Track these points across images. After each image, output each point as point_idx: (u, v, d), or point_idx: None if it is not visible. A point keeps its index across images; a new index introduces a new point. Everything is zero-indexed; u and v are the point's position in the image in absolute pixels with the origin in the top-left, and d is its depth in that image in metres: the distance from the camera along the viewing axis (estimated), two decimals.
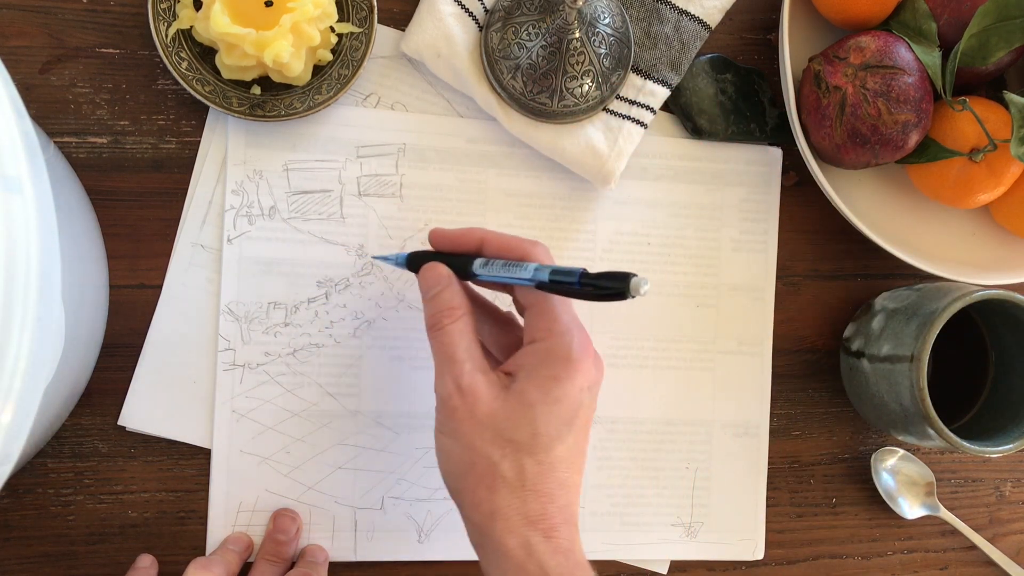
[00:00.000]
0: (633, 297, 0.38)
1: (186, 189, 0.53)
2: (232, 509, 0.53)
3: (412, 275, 0.48)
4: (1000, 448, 0.53)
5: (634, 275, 0.38)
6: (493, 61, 0.53)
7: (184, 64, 0.51)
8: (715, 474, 0.59)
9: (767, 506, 0.60)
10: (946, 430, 0.51)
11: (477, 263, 0.44)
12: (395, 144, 0.55)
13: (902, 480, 0.61)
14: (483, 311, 0.49)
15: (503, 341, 0.48)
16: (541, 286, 0.42)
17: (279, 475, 0.54)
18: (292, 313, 0.54)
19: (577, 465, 0.44)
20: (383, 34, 0.55)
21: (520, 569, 0.40)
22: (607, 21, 0.53)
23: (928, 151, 0.54)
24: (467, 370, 0.42)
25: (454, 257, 0.46)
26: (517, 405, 0.42)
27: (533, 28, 0.52)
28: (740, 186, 0.59)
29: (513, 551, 0.40)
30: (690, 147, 0.59)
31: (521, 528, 0.41)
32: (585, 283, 0.40)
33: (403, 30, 0.55)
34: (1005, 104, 0.52)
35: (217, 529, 0.53)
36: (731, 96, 0.58)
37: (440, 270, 0.45)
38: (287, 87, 0.52)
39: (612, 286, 0.38)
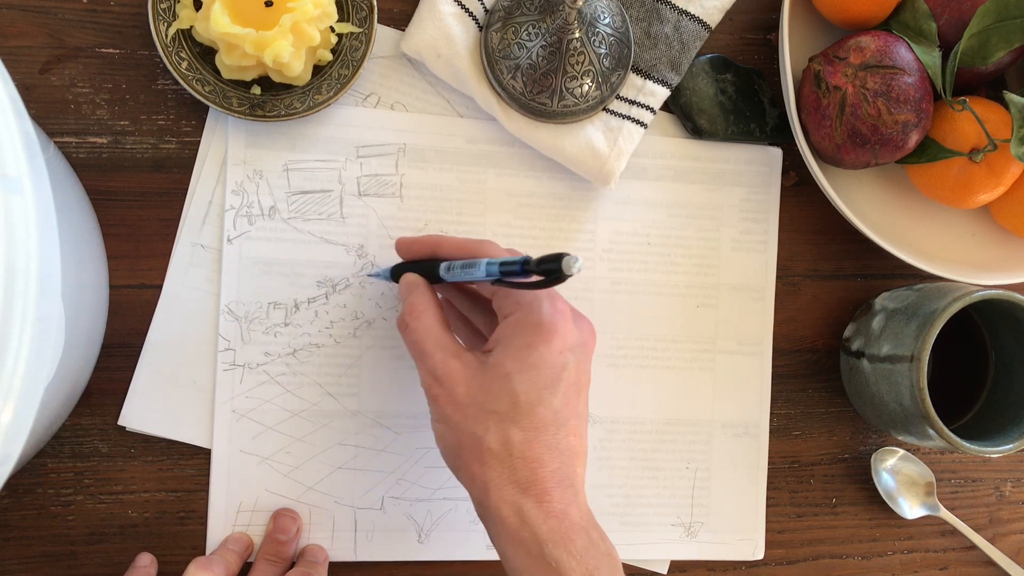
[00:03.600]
0: (570, 275, 0.39)
1: (186, 189, 0.53)
2: (232, 509, 0.53)
3: None
4: (1000, 448, 0.53)
5: (567, 254, 0.39)
6: (493, 61, 0.53)
7: (184, 64, 0.51)
8: (715, 474, 0.59)
9: (767, 506, 0.60)
10: (946, 430, 0.51)
11: (442, 268, 0.47)
12: (395, 144, 0.55)
13: (902, 480, 0.61)
14: (474, 303, 0.51)
15: (494, 326, 0.49)
16: (496, 282, 0.44)
17: (279, 475, 0.54)
18: (292, 313, 0.54)
19: (571, 427, 0.44)
20: (383, 34, 0.55)
21: (515, 537, 0.42)
22: (607, 21, 0.53)
23: (928, 151, 0.54)
24: (439, 360, 0.44)
25: (427, 265, 0.48)
26: (495, 377, 0.43)
27: (533, 28, 0.52)
28: (740, 186, 0.59)
29: (508, 519, 0.42)
30: (690, 147, 0.59)
31: (513, 496, 0.42)
32: (528, 268, 0.41)
33: (403, 30, 0.55)
34: (1005, 104, 0.52)
35: (217, 529, 0.53)
36: (731, 96, 0.58)
37: (409, 278, 0.48)
38: (287, 87, 0.52)
39: (549, 267, 0.40)
